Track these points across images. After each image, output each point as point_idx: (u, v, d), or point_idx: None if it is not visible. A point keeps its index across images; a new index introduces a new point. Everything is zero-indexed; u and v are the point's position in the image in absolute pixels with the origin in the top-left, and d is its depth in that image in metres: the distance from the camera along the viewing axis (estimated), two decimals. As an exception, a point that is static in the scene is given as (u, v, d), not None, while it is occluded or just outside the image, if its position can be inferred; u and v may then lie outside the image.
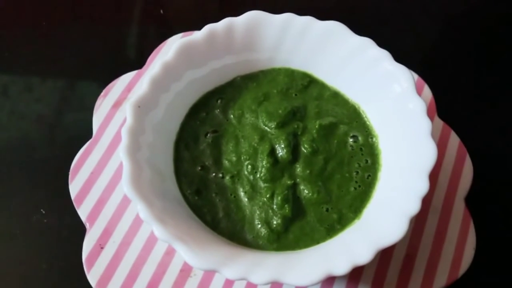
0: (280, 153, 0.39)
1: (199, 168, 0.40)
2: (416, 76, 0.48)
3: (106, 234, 0.41)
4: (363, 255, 0.32)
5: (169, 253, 0.41)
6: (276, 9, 0.42)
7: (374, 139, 0.41)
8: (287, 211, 0.37)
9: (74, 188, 0.43)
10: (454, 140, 0.46)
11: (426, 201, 0.42)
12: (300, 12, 0.42)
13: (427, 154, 0.35)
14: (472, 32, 0.58)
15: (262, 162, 0.39)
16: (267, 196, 0.38)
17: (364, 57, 0.40)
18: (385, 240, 0.32)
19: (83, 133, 0.47)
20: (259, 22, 0.41)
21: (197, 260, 0.31)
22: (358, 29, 0.41)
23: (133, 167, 0.34)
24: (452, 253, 0.41)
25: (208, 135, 0.41)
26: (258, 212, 0.38)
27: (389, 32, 0.57)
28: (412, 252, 0.41)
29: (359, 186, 0.39)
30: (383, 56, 0.39)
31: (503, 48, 0.57)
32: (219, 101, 0.43)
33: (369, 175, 0.39)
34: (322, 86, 0.43)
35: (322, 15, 0.42)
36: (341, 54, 0.41)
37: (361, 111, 0.42)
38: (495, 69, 0.55)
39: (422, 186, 0.34)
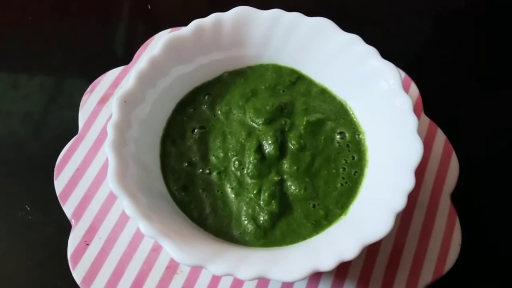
0: (268, 149, 0.39)
1: (186, 164, 0.40)
2: (403, 73, 0.49)
3: (92, 230, 0.41)
4: (350, 251, 0.32)
5: (156, 250, 0.40)
6: (264, 5, 0.42)
7: (361, 136, 0.41)
8: (274, 207, 0.37)
9: (59, 184, 0.43)
10: (440, 137, 0.46)
11: (412, 197, 0.43)
12: (288, 8, 0.42)
13: (413, 150, 0.35)
14: (460, 31, 0.59)
15: (249, 158, 0.39)
16: (254, 192, 0.38)
17: (352, 53, 0.40)
18: (371, 236, 0.32)
19: (70, 130, 0.47)
20: (247, 17, 0.41)
21: (183, 256, 0.31)
22: (346, 27, 0.41)
23: (119, 162, 0.34)
24: (438, 249, 0.41)
25: (195, 131, 0.41)
26: (245, 208, 0.38)
27: (376, 30, 0.57)
28: (398, 248, 0.41)
29: (346, 182, 0.39)
30: (370, 53, 0.39)
31: (490, 46, 0.57)
32: (206, 97, 0.43)
33: (356, 172, 0.39)
34: (309, 82, 0.44)
35: (310, 12, 0.42)
36: (328, 51, 0.41)
37: (348, 108, 0.42)
38: (482, 67, 0.56)
39: (408, 182, 0.34)
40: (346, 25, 0.41)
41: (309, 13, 0.41)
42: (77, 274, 0.39)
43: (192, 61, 0.42)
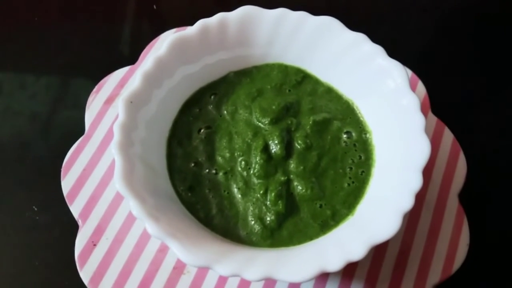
0: (274, 149, 0.39)
1: (192, 164, 0.40)
2: (410, 72, 0.48)
3: (99, 231, 0.41)
4: (357, 251, 0.32)
5: (162, 250, 0.40)
6: (269, 4, 0.42)
7: (367, 135, 0.41)
8: (280, 207, 0.37)
9: (66, 185, 0.43)
10: (448, 136, 0.46)
11: (420, 197, 0.42)
12: (294, 7, 0.42)
13: (421, 150, 0.35)
14: (467, 29, 0.58)
15: (255, 158, 0.39)
16: (261, 192, 0.38)
17: (358, 52, 0.40)
18: (378, 236, 0.32)
19: (76, 130, 0.47)
20: (252, 17, 0.41)
21: (190, 257, 0.31)
22: (352, 25, 0.41)
23: (126, 163, 0.34)
24: (446, 249, 0.41)
25: (201, 131, 0.41)
26: (251, 208, 0.38)
27: (383, 28, 0.57)
28: (406, 249, 0.41)
29: (353, 182, 0.39)
30: (377, 52, 0.39)
31: (497, 45, 0.57)
32: (212, 97, 0.43)
33: (363, 171, 0.39)
34: (315, 81, 0.43)
35: (316, 11, 0.41)
36: (334, 50, 0.41)
37: (354, 107, 0.42)
38: (489, 65, 0.55)
39: (415, 182, 0.34)
40: (352, 24, 0.41)
41: (315, 11, 0.41)
42: (85, 275, 0.39)
43: (198, 61, 0.42)
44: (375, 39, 0.40)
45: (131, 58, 0.51)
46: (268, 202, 0.37)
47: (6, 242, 0.44)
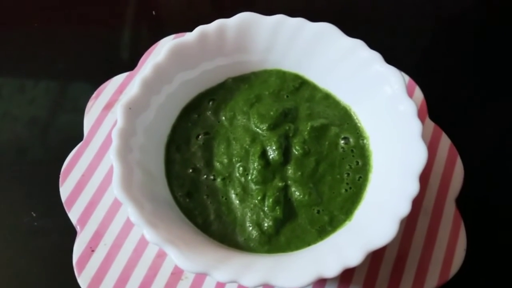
0: (272, 155, 0.39)
1: (191, 170, 0.40)
2: (407, 78, 0.48)
3: (97, 237, 0.41)
4: (354, 257, 0.32)
5: (160, 256, 0.40)
6: (268, 11, 0.42)
7: (365, 141, 0.41)
8: (278, 213, 0.37)
9: (64, 190, 0.43)
10: (445, 141, 0.46)
11: (417, 202, 0.42)
12: (292, 13, 0.42)
13: (418, 155, 0.35)
14: (464, 34, 0.59)
15: (253, 164, 0.39)
16: (259, 198, 0.38)
17: (355, 58, 0.40)
18: (376, 242, 0.32)
19: (75, 135, 0.47)
20: (250, 23, 0.41)
21: (188, 263, 0.31)
22: (350, 31, 0.41)
23: (124, 169, 0.34)
24: (443, 254, 0.41)
25: (200, 137, 0.41)
26: (249, 214, 0.38)
27: (380, 34, 0.57)
28: (403, 254, 0.41)
29: (350, 187, 0.39)
30: (374, 58, 0.39)
31: (494, 50, 0.57)
32: (210, 103, 0.43)
33: (360, 177, 0.39)
34: (313, 87, 0.44)
35: (314, 17, 0.42)
36: (332, 56, 0.41)
37: (352, 113, 0.42)
38: (487, 71, 0.55)
39: (412, 188, 0.34)
40: (350, 29, 0.41)
41: (313, 18, 0.41)
42: (83, 281, 0.39)
43: (196, 67, 0.42)
44: (372, 45, 0.40)
45: (130, 64, 0.51)
46: (266, 208, 0.38)
47: (4, 248, 0.44)
